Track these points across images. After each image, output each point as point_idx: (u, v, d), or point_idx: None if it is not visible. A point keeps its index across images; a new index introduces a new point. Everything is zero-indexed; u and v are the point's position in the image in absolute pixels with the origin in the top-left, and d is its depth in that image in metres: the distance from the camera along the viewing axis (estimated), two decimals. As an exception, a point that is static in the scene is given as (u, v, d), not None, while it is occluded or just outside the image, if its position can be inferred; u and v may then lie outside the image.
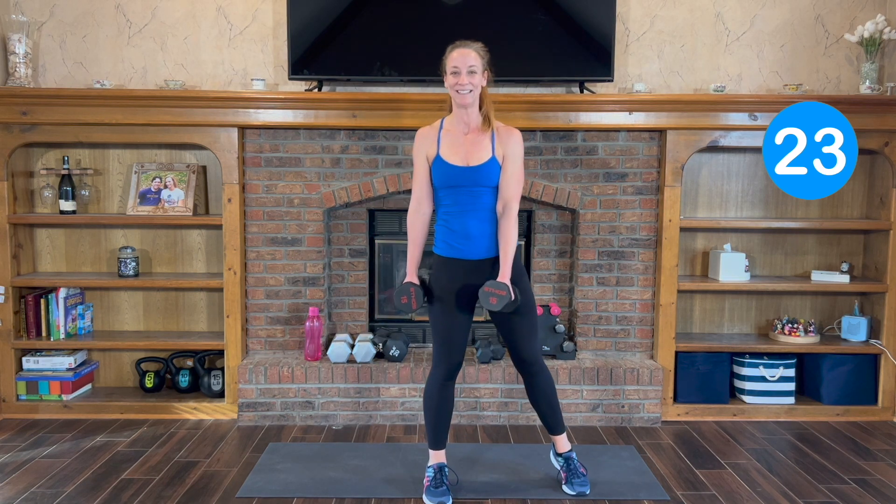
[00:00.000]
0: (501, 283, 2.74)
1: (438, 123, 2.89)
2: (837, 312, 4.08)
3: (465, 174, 2.79)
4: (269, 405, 3.70)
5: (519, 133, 2.85)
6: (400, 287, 2.86)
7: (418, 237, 2.90)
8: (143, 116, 3.64)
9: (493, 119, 2.83)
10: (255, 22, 3.84)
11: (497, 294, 2.72)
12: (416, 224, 2.89)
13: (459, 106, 2.79)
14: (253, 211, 3.81)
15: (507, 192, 2.81)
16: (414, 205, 2.89)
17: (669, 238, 3.78)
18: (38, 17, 3.81)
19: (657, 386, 3.73)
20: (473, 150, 2.80)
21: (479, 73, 2.76)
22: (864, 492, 3.00)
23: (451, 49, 2.79)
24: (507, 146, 2.81)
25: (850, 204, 4.04)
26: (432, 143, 2.84)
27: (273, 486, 2.98)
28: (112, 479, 3.05)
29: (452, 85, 2.75)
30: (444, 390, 2.89)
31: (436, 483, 2.86)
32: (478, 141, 2.81)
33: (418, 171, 2.88)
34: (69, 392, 3.80)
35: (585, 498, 2.90)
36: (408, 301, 2.82)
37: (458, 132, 2.83)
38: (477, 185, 2.80)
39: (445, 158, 2.80)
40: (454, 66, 2.74)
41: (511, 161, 2.81)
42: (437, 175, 2.83)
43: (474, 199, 2.81)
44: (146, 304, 4.04)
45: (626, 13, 3.86)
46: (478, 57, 2.77)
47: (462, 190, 2.81)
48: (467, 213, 2.82)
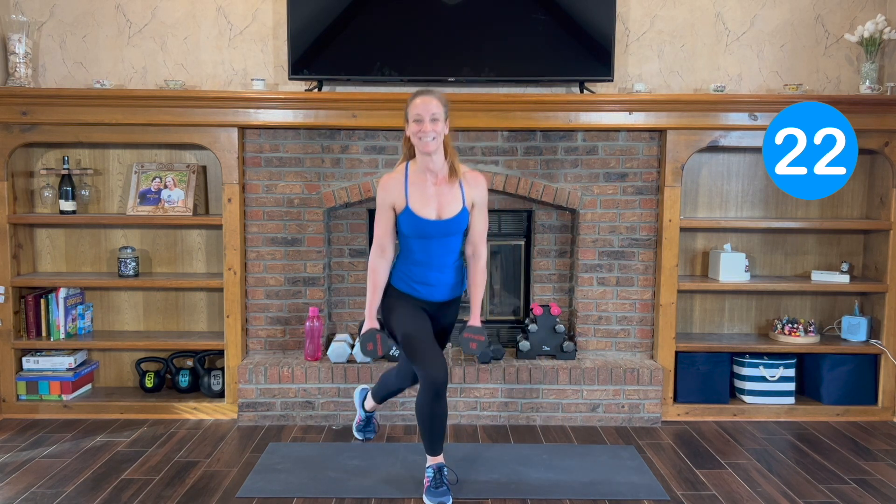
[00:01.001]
0: (479, 329, 2.87)
1: (402, 171, 2.85)
2: (837, 312, 4.08)
3: (437, 227, 2.81)
4: (269, 405, 3.70)
5: (484, 178, 2.91)
6: (364, 334, 2.86)
7: (380, 283, 2.88)
8: (143, 116, 3.64)
9: (458, 167, 2.85)
10: (255, 22, 3.84)
11: (476, 339, 2.86)
12: (380, 270, 2.87)
13: (423, 153, 2.78)
14: (253, 211, 3.81)
15: (476, 237, 2.90)
16: (377, 251, 2.86)
17: (669, 238, 3.78)
18: (38, 17, 3.81)
19: (657, 386, 3.73)
20: (445, 203, 2.82)
21: (442, 120, 2.77)
22: (864, 492, 3.00)
23: (413, 97, 2.80)
24: (475, 194, 2.86)
25: (850, 204, 4.04)
26: (399, 194, 2.81)
27: (273, 486, 2.98)
28: (112, 479, 3.05)
29: (416, 132, 2.75)
30: (436, 404, 2.78)
31: (436, 483, 2.86)
32: (448, 193, 2.82)
33: (383, 218, 2.85)
34: (69, 392, 3.80)
35: (585, 498, 2.90)
36: (374, 348, 2.84)
37: (426, 182, 2.82)
38: (448, 234, 2.84)
39: (416, 212, 2.80)
40: (417, 113, 2.74)
41: (479, 208, 2.88)
42: (407, 226, 2.83)
43: (444, 247, 2.85)
44: (146, 304, 4.04)
45: (626, 13, 3.85)
46: (440, 105, 2.77)
47: (433, 241, 2.84)
48: (434, 264, 2.86)
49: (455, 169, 2.82)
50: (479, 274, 2.92)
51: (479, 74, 3.73)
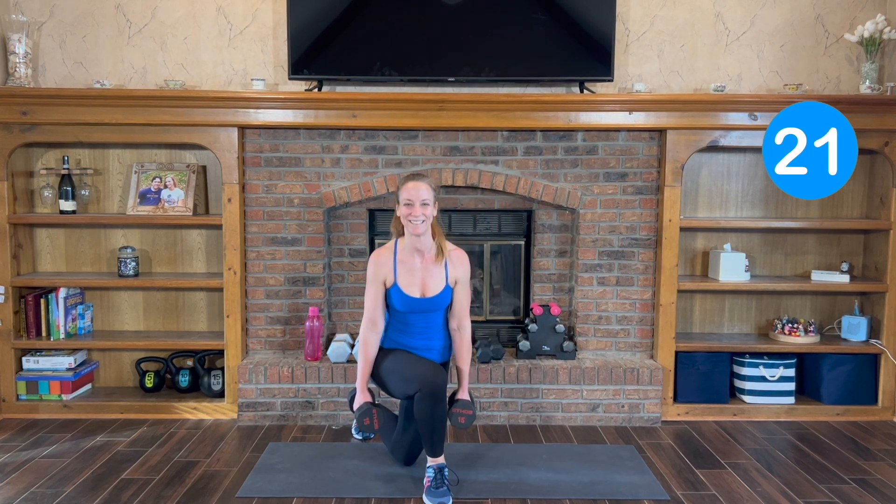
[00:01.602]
0: (468, 403, 3.00)
1: (392, 249, 3.02)
2: (837, 312, 4.09)
3: (421, 303, 2.99)
4: (269, 405, 3.70)
5: (466, 256, 3.07)
6: (360, 410, 2.96)
7: (371, 355, 3.04)
8: (143, 116, 3.64)
9: (444, 247, 3.00)
10: (255, 22, 3.84)
11: (465, 414, 2.98)
12: (372, 343, 3.03)
13: (413, 234, 2.93)
14: (253, 211, 3.81)
15: (460, 311, 3.05)
16: (368, 325, 3.03)
17: (669, 238, 3.78)
18: (38, 17, 3.81)
19: (657, 386, 3.73)
20: (429, 282, 2.99)
21: (431, 204, 2.92)
22: (864, 492, 3.00)
23: (405, 181, 2.95)
24: (458, 271, 3.02)
25: (850, 204, 4.04)
26: (389, 270, 2.99)
27: (273, 486, 2.98)
28: (112, 479, 3.05)
29: (406, 215, 2.90)
30: (436, 409, 2.84)
31: (436, 483, 2.86)
32: (433, 272, 3.00)
33: (374, 293, 3.01)
34: (69, 392, 3.80)
35: (585, 498, 2.90)
36: (370, 422, 2.96)
37: (414, 261, 2.99)
38: (432, 310, 3.02)
39: (403, 289, 2.97)
40: (408, 198, 2.89)
41: (462, 284, 3.04)
42: (395, 301, 3.00)
43: (428, 321, 3.04)
44: (146, 304, 4.04)
45: (626, 13, 3.85)
46: (429, 190, 2.93)
47: (417, 315, 3.02)
48: (419, 334, 3.05)
49: (442, 249, 2.99)
50: (464, 347, 3.07)
51: (479, 74, 3.73)
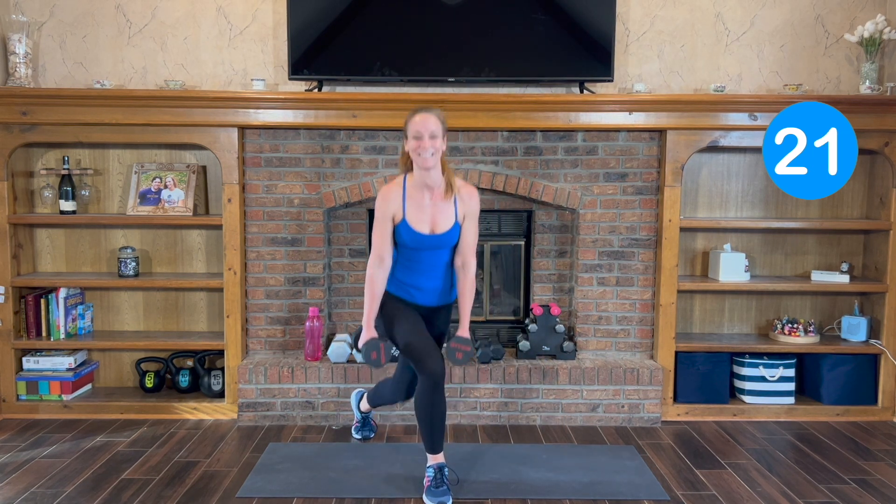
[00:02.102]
0: (465, 339, 2.94)
1: (401, 184, 2.93)
2: (837, 312, 4.08)
3: (430, 240, 2.91)
4: (269, 405, 3.70)
5: (477, 192, 2.99)
6: (367, 343, 2.91)
7: (378, 292, 2.96)
8: (143, 116, 3.64)
9: (454, 183, 2.93)
10: (255, 22, 3.84)
11: (463, 350, 2.93)
12: (378, 280, 2.95)
13: (422, 169, 2.86)
14: (253, 211, 3.81)
15: (466, 249, 2.96)
16: (376, 261, 2.94)
17: (669, 238, 3.78)
18: (38, 17, 3.81)
19: (657, 386, 3.73)
20: (439, 218, 2.91)
21: (440, 137, 2.85)
22: (864, 492, 3.00)
23: (413, 114, 2.86)
24: (468, 207, 2.94)
25: (850, 204, 4.04)
26: (398, 206, 2.91)
27: (273, 486, 2.98)
28: (112, 479, 3.05)
29: (415, 148, 2.82)
30: (435, 396, 2.84)
31: (436, 483, 2.86)
32: (442, 208, 2.92)
33: (382, 229, 2.93)
34: (69, 392, 3.80)
35: (585, 498, 2.90)
36: (377, 356, 2.90)
37: (423, 197, 2.91)
38: (439, 247, 2.94)
39: (412, 225, 2.89)
40: (416, 130, 2.81)
41: (470, 220, 2.95)
42: (402, 238, 2.92)
43: (434, 259, 2.96)
44: (146, 304, 4.04)
45: (626, 13, 3.86)
46: (438, 122, 2.84)
47: (424, 252, 2.94)
48: (425, 271, 2.97)
49: (451, 185, 2.92)
50: (467, 285, 2.99)
51: (479, 74, 3.73)
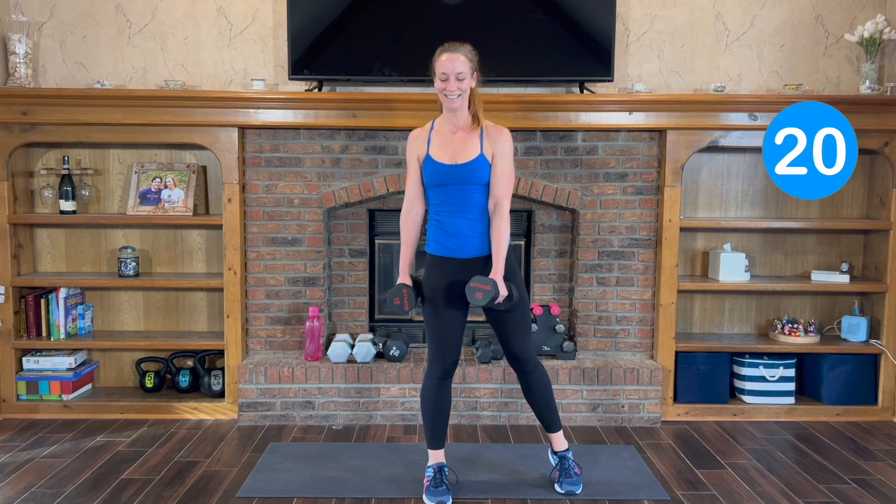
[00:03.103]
0: (487, 279, 2.73)
1: (430, 125, 2.90)
2: (837, 312, 4.08)
3: (453, 172, 2.79)
4: (269, 405, 3.70)
5: (508, 132, 2.85)
6: (393, 289, 2.87)
7: (411, 237, 2.92)
8: (143, 116, 3.64)
9: (482, 118, 2.83)
10: (255, 22, 3.84)
11: (482, 289, 2.71)
12: (409, 224, 2.91)
13: (448, 109, 2.80)
14: (253, 211, 3.81)
15: (498, 190, 2.80)
16: (406, 205, 2.92)
17: (669, 238, 3.78)
18: (38, 17, 3.81)
19: (657, 386, 3.73)
20: (461, 148, 2.80)
21: (468, 76, 2.75)
22: (864, 492, 3.00)
23: (440, 53, 2.76)
24: (497, 144, 2.80)
25: (850, 204, 4.04)
26: (423, 143, 2.85)
27: (273, 486, 2.99)
28: (112, 479, 3.05)
29: (441, 90, 2.75)
30: (441, 389, 2.88)
31: (436, 483, 2.86)
32: (466, 139, 2.81)
33: (411, 172, 2.90)
34: (69, 392, 3.80)
35: (585, 498, 2.90)
36: (400, 302, 2.84)
37: (448, 132, 2.84)
38: (466, 182, 2.79)
39: (434, 157, 2.81)
40: (443, 71, 2.73)
41: (501, 159, 2.80)
42: (427, 174, 2.84)
43: (464, 198, 2.81)
44: (146, 304, 4.04)
45: (626, 13, 3.86)
46: (466, 61, 2.74)
47: (451, 189, 2.81)
48: (458, 213, 2.82)
49: (477, 118, 2.81)
50: (501, 226, 2.79)
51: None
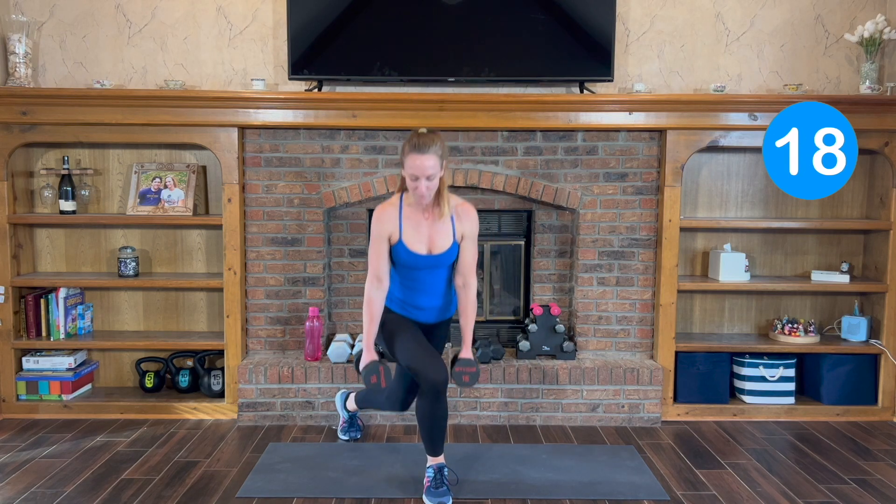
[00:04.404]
0: (471, 361, 2.94)
1: (397, 204, 2.90)
2: (837, 312, 4.08)
3: (428, 260, 2.90)
4: (269, 405, 3.70)
5: (475, 211, 2.95)
6: (367, 366, 2.90)
7: (377, 313, 2.94)
8: (143, 116, 3.64)
9: (449, 203, 2.88)
10: (255, 22, 3.84)
11: (468, 372, 2.92)
12: (376, 301, 2.93)
13: (418, 202, 2.84)
14: (253, 211, 3.81)
15: (466, 269, 2.95)
16: (374, 282, 2.92)
17: (669, 238, 3.78)
18: (38, 17, 3.81)
19: (657, 386, 3.73)
20: (436, 238, 2.88)
21: (438, 174, 2.79)
22: (864, 492, 3.00)
23: (410, 151, 2.76)
24: (466, 227, 2.91)
25: (850, 204, 4.04)
26: (394, 226, 2.87)
27: (273, 486, 2.98)
28: (112, 479, 3.05)
29: (412, 188, 2.79)
30: (436, 405, 2.84)
31: (436, 483, 2.86)
32: (439, 228, 2.88)
33: (379, 249, 2.89)
34: (69, 392, 3.80)
35: (585, 498, 2.90)
36: (377, 380, 2.89)
37: (419, 217, 2.89)
38: (437, 266, 2.92)
39: (409, 246, 2.87)
40: (413, 173, 2.76)
41: (469, 240, 2.93)
42: (400, 259, 2.90)
43: (433, 278, 2.95)
44: (146, 304, 4.04)
45: (626, 13, 3.85)
46: (436, 160, 2.76)
47: (423, 271, 2.93)
48: (425, 290, 2.96)
49: (447, 204, 2.87)
50: (469, 304, 2.98)
51: (479, 74, 3.73)
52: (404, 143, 2.82)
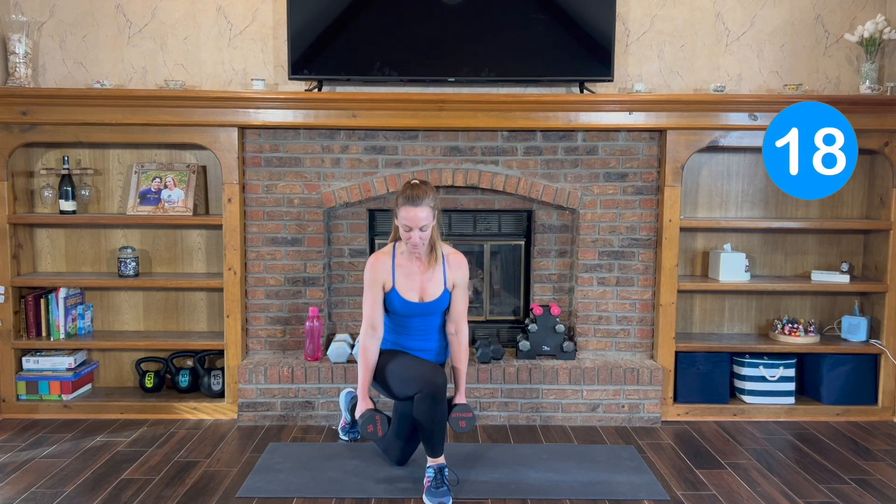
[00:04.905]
0: (466, 407, 3.02)
1: (390, 253, 3.00)
2: (837, 312, 4.08)
3: (420, 308, 2.99)
4: (269, 405, 3.70)
5: (465, 260, 3.06)
6: (364, 415, 2.95)
7: (372, 362, 3.01)
8: (143, 116, 3.64)
9: (441, 253, 3.00)
10: (255, 22, 3.84)
11: (465, 417, 2.99)
12: (371, 349, 3.00)
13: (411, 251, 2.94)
14: (253, 211, 3.81)
15: (458, 317, 3.04)
16: (368, 331, 3.00)
17: (669, 238, 3.78)
18: (38, 17, 3.81)
19: (657, 386, 3.73)
20: (428, 287, 2.99)
21: (430, 224, 2.89)
22: (864, 492, 3.00)
23: (404, 202, 2.86)
24: (457, 275, 3.01)
25: (850, 204, 4.04)
26: (387, 274, 2.98)
27: (273, 486, 2.98)
28: (112, 479, 3.05)
29: (406, 239, 2.89)
30: (434, 409, 2.85)
31: (436, 483, 2.86)
32: (431, 276, 2.99)
33: (374, 297, 2.99)
34: (69, 392, 3.80)
35: (585, 498, 2.90)
36: (374, 429, 2.95)
37: (412, 266, 2.99)
38: (430, 314, 3.01)
39: (402, 294, 2.96)
40: (406, 224, 2.86)
41: (460, 288, 3.02)
42: (394, 307, 2.99)
43: (425, 324, 3.04)
44: (146, 304, 4.04)
45: (626, 13, 3.85)
46: (429, 212, 2.87)
47: (416, 318, 3.02)
48: (417, 336, 3.05)
49: (438, 253, 2.98)
50: (462, 351, 3.06)
51: (479, 74, 3.73)
52: (397, 194, 2.92)
